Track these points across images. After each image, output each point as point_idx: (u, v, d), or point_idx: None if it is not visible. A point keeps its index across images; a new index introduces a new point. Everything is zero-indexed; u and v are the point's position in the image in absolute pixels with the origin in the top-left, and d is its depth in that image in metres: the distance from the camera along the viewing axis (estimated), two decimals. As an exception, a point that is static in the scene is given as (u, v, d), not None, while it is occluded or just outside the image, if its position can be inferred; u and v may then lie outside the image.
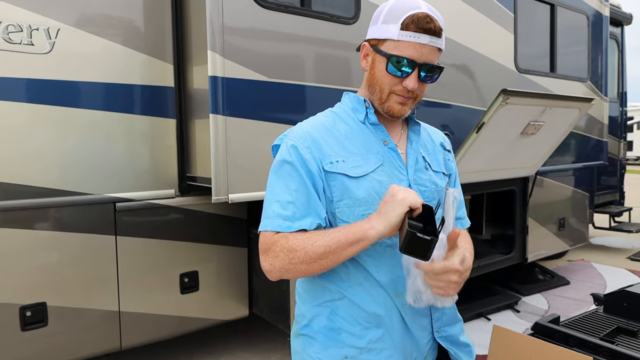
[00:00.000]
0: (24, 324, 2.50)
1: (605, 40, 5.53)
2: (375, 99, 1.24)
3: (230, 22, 2.63)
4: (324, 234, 1.11)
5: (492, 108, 3.20)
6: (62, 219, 2.60)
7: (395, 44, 1.15)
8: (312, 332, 1.23)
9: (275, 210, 1.16)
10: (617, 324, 1.44)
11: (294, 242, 1.11)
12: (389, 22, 1.16)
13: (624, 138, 7.11)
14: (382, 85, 1.20)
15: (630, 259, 6.06)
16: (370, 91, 1.24)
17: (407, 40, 1.14)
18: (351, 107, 1.28)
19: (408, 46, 1.14)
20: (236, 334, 3.73)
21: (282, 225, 1.14)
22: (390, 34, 1.16)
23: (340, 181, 1.17)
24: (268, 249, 1.15)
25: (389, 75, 1.18)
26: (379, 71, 1.20)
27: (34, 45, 2.45)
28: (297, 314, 1.32)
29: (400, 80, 1.17)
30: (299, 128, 1.24)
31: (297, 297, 1.32)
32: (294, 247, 1.11)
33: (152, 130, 2.84)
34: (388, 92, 1.20)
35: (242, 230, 3.25)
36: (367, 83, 1.25)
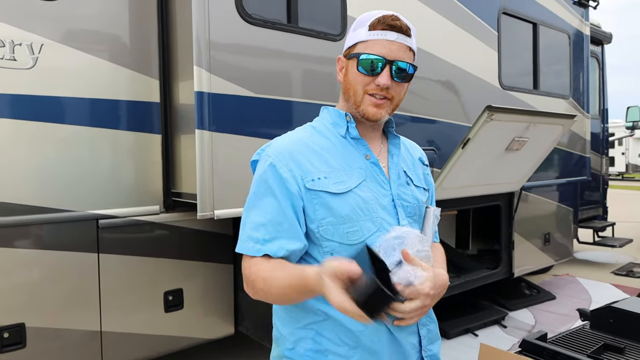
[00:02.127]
0: (1, 346, 2.42)
1: (586, 59, 5.65)
2: (351, 105, 1.23)
3: (216, 38, 2.63)
4: (283, 271, 1.10)
5: (478, 124, 3.23)
6: (43, 236, 2.54)
7: (365, 44, 1.18)
8: (297, 356, 1.19)
9: (247, 232, 1.16)
10: (604, 340, 1.44)
11: (264, 273, 1.12)
12: (357, 28, 1.21)
13: (606, 154, 7.23)
14: (355, 87, 1.20)
15: (614, 274, 6.12)
16: (346, 98, 1.25)
17: (375, 38, 1.17)
18: (331, 121, 1.27)
19: (376, 44, 1.17)
20: (222, 352, 3.66)
21: (252, 249, 1.14)
22: (359, 37, 1.19)
23: (322, 199, 1.15)
24: (247, 275, 1.16)
25: (360, 75, 1.19)
26: (351, 74, 1.21)
27: (17, 60, 2.42)
28: (276, 336, 1.27)
29: (373, 79, 1.18)
30: (277, 144, 1.22)
31: (276, 318, 1.28)
32: (265, 278, 1.12)
33: (137, 145, 2.81)
34: (362, 94, 1.20)
35: (228, 247, 3.21)
36: (343, 92, 1.26)
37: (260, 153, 1.25)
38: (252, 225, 1.15)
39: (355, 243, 1.15)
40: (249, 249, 1.14)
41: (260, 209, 1.16)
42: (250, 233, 1.15)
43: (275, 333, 1.27)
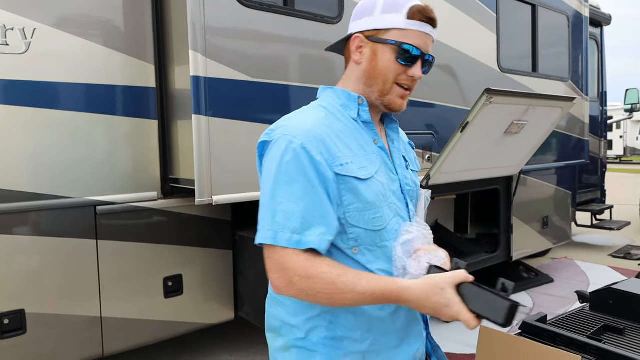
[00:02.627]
0: (2, 332, 2.42)
1: (585, 41, 5.60)
2: (374, 92, 1.19)
3: (212, 22, 2.59)
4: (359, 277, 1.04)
5: (476, 107, 3.21)
6: (41, 223, 2.53)
7: (402, 33, 1.14)
8: (311, 345, 1.15)
9: (279, 221, 1.05)
10: (604, 321, 1.44)
11: (313, 271, 1.04)
12: (390, 12, 1.15)
13: (604, 137, 7.22)
14: (386, 75, 1.16)
15: (612, 257, 6.15)
16: (369, 84, 1.19)
17: (415, 29, 1.14)
18: (340, 103, 1.21)
19: (414, 35, 1.14)
20: (222, 337, 3.68)
21: (290, 240, 1.04)
22: (396, 23, 1.14)
23: (350, 184, 1.11)
24: (282, 269, 1.06)
25: (396, 65, 1.15)
26: (383, 61, 1.16)
27: (9, 45, 2.38)
28: (277, 325, 1.21)
29: (406, 70, 1.16)
30: (298, 124, 1.13)
31: (280, 308, 1.21)
32: (313, 275, 1.04)
33: (134, 131, 2.79)
34: (392, 84, 1.17)
35: (227, 233, 3.21)
36: (366, 76, 1.19)
37: (273, 133, 1.14)
38: (285, 213, 1.05)
39: (378, 229, 1.14)
40: (285, 240, 1.04)
41: (292, 195, 1.06)
42: (283, 221, 1.05)
43: (276, 323, 1.22)
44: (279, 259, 1.05)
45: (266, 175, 1.11)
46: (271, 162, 1.10)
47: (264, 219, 1.08)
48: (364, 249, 1.13)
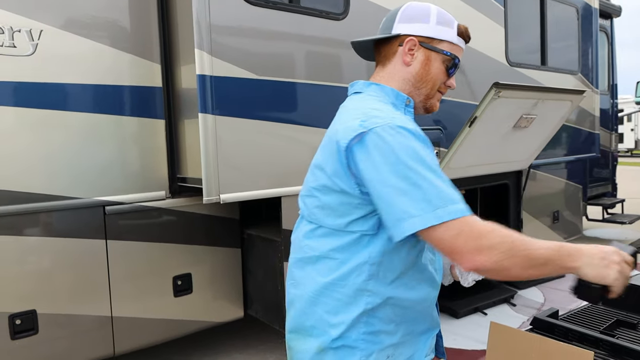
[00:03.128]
0: (14, 333, 2.45)
1: (595, 33, 5.53)
2: (421, 95, 1.28)
3: (217, 20, 2.59)
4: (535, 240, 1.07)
5: (485, 102, 3.18)
6: (51, 224, 2.55)
7: (453, 47, 1.27)
8: (350, 342, 1.15)
9: (450, 195, 1.05)
10: (617, 316, 1.42)
11: (498, 228, 1.05)
12: (444, 25, 1.26)
13: (615, 130, 7.13)
14: (435, 82, 1.28)
15: (624, 250, 6.07)
16: (418, 87, 1.28)
17: (460, 45, 1.29)
18: (389, 101, 1.25)
19: (459, 51, 1.29)
20: (232, 336, 3.69)
21: (465, 210, 1.05)
22: (449, 37, 1.26)
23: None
24: (478, 237, 1.02)
25: (444, 74, 1.28)
26: (436, 69, 1.27)
27: (17, 47, 2.40)
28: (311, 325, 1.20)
29: (447, 79, 1.29)
30: (393, 114, 1.15)
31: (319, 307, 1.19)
32: (504, 233, 1.04)
33: (141, 131, 2.80)
34: (436, 89, 1.29)
35: (235, 231, 3.21)
36: (416, 79, 1.27)
37: (369, 122, 1.10)
38: (446, 186, 1.06)
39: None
40: (462, 210, 1.04)
41: (437, 170, 1.08)
42: (451, 194, 1.05)
43: (308, 322, 1.21)
44: (470, 229, 1.03)
45: (393, 162, 1.06)
46: (392, 149, 1.06)
47: (436, 196, 1.04)
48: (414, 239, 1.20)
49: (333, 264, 1.17)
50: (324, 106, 3.00)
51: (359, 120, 1.11)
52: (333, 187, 1.15)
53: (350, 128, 1.11)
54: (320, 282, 1.18)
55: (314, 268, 1.20)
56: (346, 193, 1.13)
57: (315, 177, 1.21)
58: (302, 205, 1.28)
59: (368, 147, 1.08)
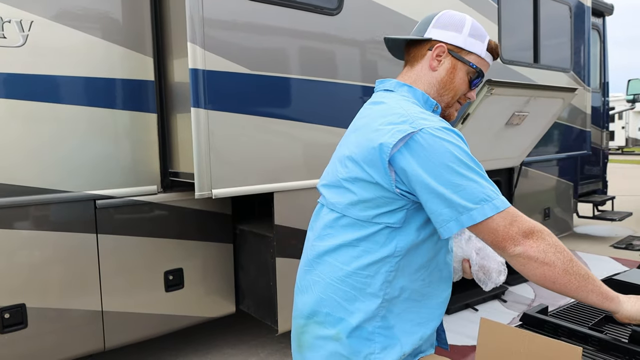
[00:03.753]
0: (3, 326, 2.43)
1: (587, 31, 5.56)
2: (442, 101, 1.31)
3: (210, 14, 2.57)
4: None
5: (478, 99, 3.19)
6: (41, 217, 2.52)
7: (479, 60, 1.30)
8: (366, 333, 1.19)
9: (494, 189, 1.13)
10: (606, 313, 1.44)
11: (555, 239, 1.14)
12: (476, 38, 1.30)
13: (606, 128, 7.19)
14: (457, 92, 1.31)
15: (613, 247, 6.14)
16: (440, 93, 1.31)
17: (488, 61, 1.33)
18: (420, 105, 1.28)
19: (485, 65, 1.32)
20: (223, 331, 3.69)
21: (505, 200, 1.14)
22: (478, 51, 1.30)
23: None
24: (532, 228, 1.13)
25: (466, 85, 1.31)
26: (459, 79, 1.30)
27: (6, 38, 2.37)
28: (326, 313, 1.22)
29: (468, 91, 1.33)
30: (436, 117, 1.21)
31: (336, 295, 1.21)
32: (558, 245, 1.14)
33: (133, 125, 2.78)
34: (456, 100, 1.32)
35: (227, 226, 3.20)
36: (440, 85, 1.30)
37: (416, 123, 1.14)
38: (489, 183, 1.13)
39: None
40: (506, 202, 1.13)
41: (481, 169, 1.15)
42: (493, 189, 1.13)
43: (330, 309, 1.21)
44: (521, 218, 1.12)
45: (446, 160, 1.11)
46: (444, 148, 1.11)
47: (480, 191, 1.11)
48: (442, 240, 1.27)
49: (355, 253, 1.19)
50: (317, 102, 2.99)
51: (405, 119, 1.15)
52: (369, 181, 1.17)
53: (397, 130, 1.14)
54: (342, 270, 1.20)
55: (335, 255, 1.22)
56: (381, 187, 1.15)
57: (347, 170, 1.22)
58: (325, 194, 1.29)
59: (420, 146, 1.11)
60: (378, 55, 3.27)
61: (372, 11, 3.25)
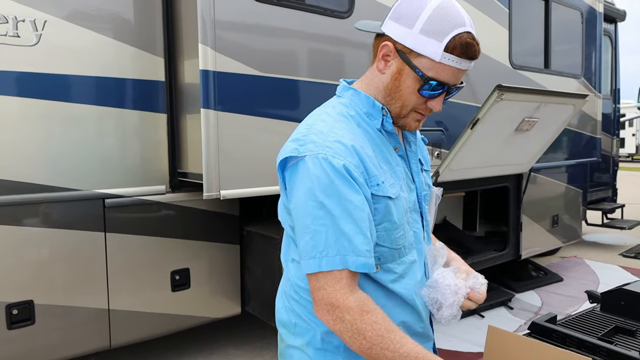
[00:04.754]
0: (11, 322, 2.45)
1: (599, 37, 5.52)
2: (391, 110, 1.11)
3: (222, 15, 2.58)
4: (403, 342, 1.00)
5: (487, 104, 3.17)
6: (50, 215, 2.54)
7: (433, 64, 1.02)
8: (332, 347, 1.11)
9: (345, 245, 0.99)
10: (615, 323, 1.42)
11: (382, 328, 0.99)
12: (429, 35, 1.01)
13: (617, 135, 7.13)
14: (405, 102, 1.08)
15: (622, 256, 6.08)
16: (387, 101, 1.10)
17: (448, 64, 1.02)
18: (364, 110, 1.12)
19: (446, 70, 1.03)
20: (228, 332, 3.69)
21: (357, 263, 0.99)
22: (431, 53, 1.01)
23: (383, 204, 1.06)
24: (336, 306, 1.00)
25: (417, 95, 1.06)
26: (406, 87, 1.06)
27: (20, 37, 2.39)
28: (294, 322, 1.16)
29: (426, 100, 1.08)
30: (331, 138, 1.03)
31: (296, 303, 1.16)
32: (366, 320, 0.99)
33: (143, 125, 2.79)
34: (410, 110, 1.10)
35: (234, 227, 3.21)
36: (386, 91, 1.10)
37: (303, 148, 1.03)
38: (346, 236, 0.98)
39: (399, 247, 1.11)
40: (352, 263, 0.99)
41: (347, 216, 0.99)
42: (347, 244, 0.99)
43: (292, 319, 1.17)
44: (332, 287, 1.00)
45: (306, 197, 1.01)
46: (310, 182, 1.00)
47: (319, 245, 0.99)
48: (385, 267, 1.11)
49: (297, 266, 1.13)
50: (326, 104, 2.98)
51: (298, 142, 1.05)
52: (283, 201, 1.12)
53: (288, 148, 1.06)
54: (294, 283, 1.16)
55: (288, 268, 1.19)
56: (289, 210, 1.10)
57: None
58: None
59: (296, 174, 1.03)
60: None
61: (383, 13, 3.24)
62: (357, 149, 1.03)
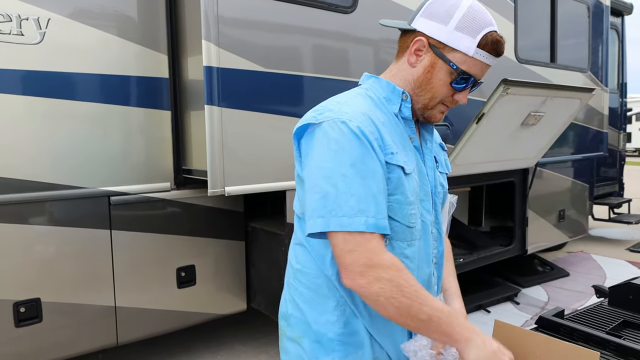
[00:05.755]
0: (18, 320, 2.46)
1: (605, 31, 5.47)
2: (419, 102, 1.15)
3: (225, 11, 2.57)
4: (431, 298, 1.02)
5: (493, 98, 3.15)
6: (56, 213, 2.55)
7: (466, 59, 1.09)
8: (326, 340, 1.11)
9: (351, 204, 0.99)
10: (623, 317, 1.41)
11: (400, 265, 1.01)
12: (463, 31, 1.08)
13: (623, 129, 7.07)
14: (435, 94, 1.13)
15: (629, 251, 6.04)
16: (417, 92, 1.15)
17: (479, 59, 1.10)
18: (384, 95, 1.16)
19: (477, 65, 1.10)
20: (234, 328, 3.70)
21: (368, 224, 0.99)
22: (465, 48, 1.08)
23: (397, 174, 1.08)
24: (371, 266, 0.99)
25: (448, 87, 1.12)
26: (438, 80, 1.12)
27: (24, 35, 2.39)
28: (289, 314, 1.18)
29: (455, 93, 1.14)
30: (349, 108, 1.08)
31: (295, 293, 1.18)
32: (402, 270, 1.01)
33: (147, 122, 2.79)
34: (438, 102, 1.15)
35: (240, 224, 3.21)
36: (417, 83, 1.14)
37: (321, 116, 1.07)
38: (357, 198, 0.99)
39: (412, 226, 1.11)
40: (363, 223, 0.99)
41: (361, 178, 1.00)
42: (357, 205, 0.99)
43: (287, 310, 1.19)
44: (365, 251, 0.99)
45: (321, 159, 1.03)
46: (327, 144, 1.03)
47: (327, 206, 1.00)
48: (395, 244, 1.10)
49: (305, 252, 1.15)
50: (330, 100, 2.97)
51: (316, 112, 1.10)
52: (299, 176, 1.15)
53: (306, 117, 1.10)
54: (294, 269, 1.18)
55: (293, 254, 1.21)
56: (303, 181, 1.11)
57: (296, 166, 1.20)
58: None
59: (313, 139, 1.06)
60: (392, 54, 3.24)
61: (387, 9, 3.22)
62: (373, 119, 1.07)
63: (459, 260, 3.97)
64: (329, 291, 1.12)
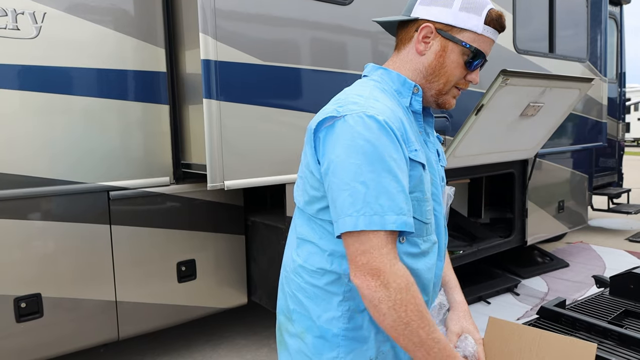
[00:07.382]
0: (19, 316, 2.46)
1: (604, 20, 5.44)
2: (432, 89, 1.15)
3: (222, 4, 2.55)
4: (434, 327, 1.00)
5: (492, 89, 3.14)
6: (55, 208, 2.54)
7: (477, 38, 1.10)
8: (331, 335, 1.10)
9: (385, 204, 0.96)
10: (625, 306, 1.41)
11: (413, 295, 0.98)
12: (469, 11, 1.09)
13: (622, 119, 7.06)
14: (450, 77, 1.13)
15: (629, 241, 6.06)
16: (430, 79, 1.14)
17: (488, 36, 1.11)
18: (395, 87, 1.14)
19: (486, 42, 1.12)
20: (235, 322, 3.70)
21: (399, 221, 0.96)
22: (473, 26, 1.09)
23: (418, 172, 1.06)
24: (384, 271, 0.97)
25: (462, 68, 1.12)
26: (451, 62, 1.11)
27: (20, 30, 2.37)
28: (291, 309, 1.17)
29: (467, 74, 1.14)
30: (373, 102, 1.05)
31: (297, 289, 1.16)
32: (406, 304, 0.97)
33: (145, 116, 2.78)
34: (452, 85, 1.15)
35: (239, 218, 3.21)
36: (429, 70, 1.13)
37: (343, 109, 1.04)
38: (389, 195, 0.96)
39: (428, 222, 1.11)
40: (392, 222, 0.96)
41: (391, 175, 0.98)
42: (388, 203, 0.96)
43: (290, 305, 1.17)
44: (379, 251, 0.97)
45: (347, 155, 0.99)
46: (352, 139, 0.99)
47: (359, 203, 0.97)
48: (412, 240, 1.09)
49: (310, 248, 1.13)
50: (329, 93, 2.96)
51: (337, 105, 1.06)
52: (310, 171, 1.11)
53: (327, 110, 1.07)
54: (298, 265, 1.16)
55: (295, 250, 1.18)
56: (316, 179, 1.08)
57: (302, 159, 1.18)
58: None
59: (334, 133, 1.02)
60: (390, 46, 3.22)
61: (384, 0, 3.20)
62: (397, 114, 1.06)
63: (459, 252, 3.98)
64: (335, 287, 1.10)
